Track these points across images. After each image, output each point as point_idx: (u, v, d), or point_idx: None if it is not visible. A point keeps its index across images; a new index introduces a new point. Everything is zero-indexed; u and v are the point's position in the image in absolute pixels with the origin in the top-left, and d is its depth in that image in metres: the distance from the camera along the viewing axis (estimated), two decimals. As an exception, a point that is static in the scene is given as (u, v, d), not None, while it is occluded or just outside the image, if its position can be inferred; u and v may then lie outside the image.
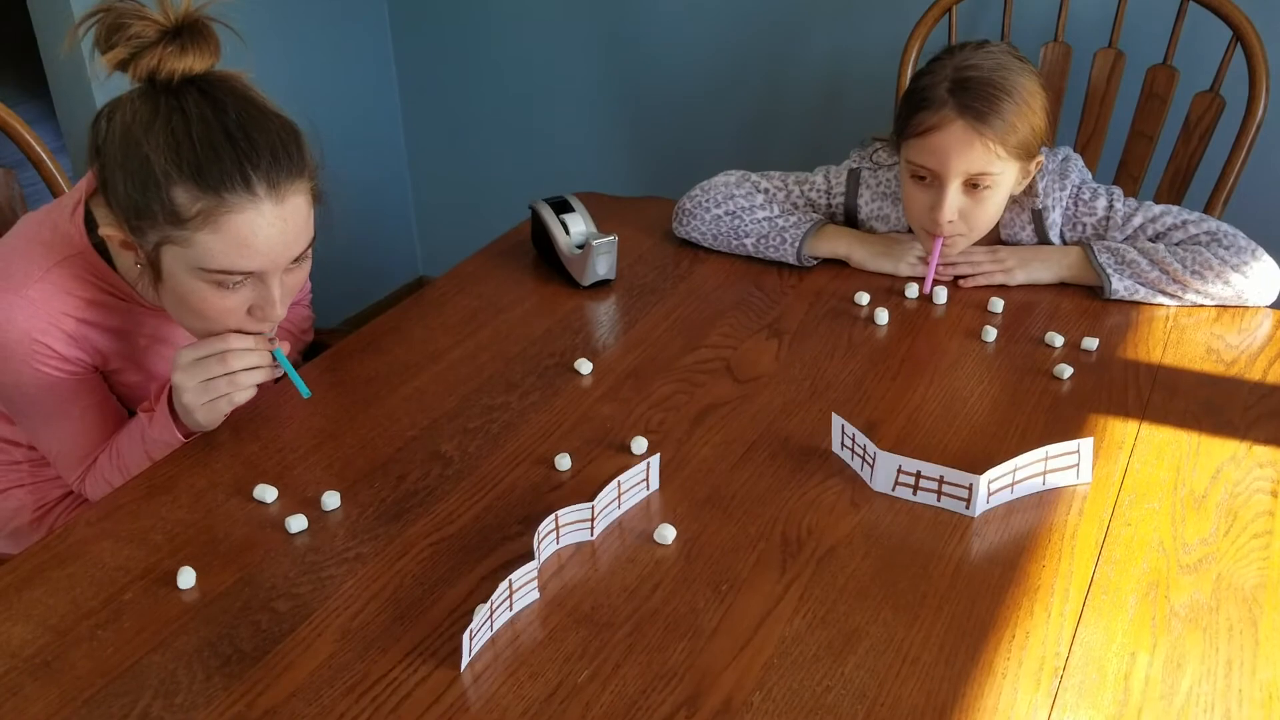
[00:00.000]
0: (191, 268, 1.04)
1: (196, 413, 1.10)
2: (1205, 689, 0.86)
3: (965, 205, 1.35)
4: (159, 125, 1.00)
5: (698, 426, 1.17)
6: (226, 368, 1.09)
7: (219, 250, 1.02)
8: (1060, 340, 1.30)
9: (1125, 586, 0.95)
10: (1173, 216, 1.39)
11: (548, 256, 1.47)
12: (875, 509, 1.05)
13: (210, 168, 1.00)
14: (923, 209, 1.38)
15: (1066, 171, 1.43)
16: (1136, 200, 1.43)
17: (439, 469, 1.10)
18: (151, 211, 1.01)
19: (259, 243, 1.03)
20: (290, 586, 0.96)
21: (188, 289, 1.05)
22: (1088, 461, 1.06)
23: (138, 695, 0.86)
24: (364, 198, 2.67)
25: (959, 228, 1.37)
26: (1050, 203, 1.42)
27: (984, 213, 1.37)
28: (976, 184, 1.34)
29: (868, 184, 1.50)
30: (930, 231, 1.39)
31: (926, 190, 1.37)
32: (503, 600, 0.91)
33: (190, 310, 1.08)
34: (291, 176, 1.04)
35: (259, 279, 1.06)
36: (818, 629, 0.91)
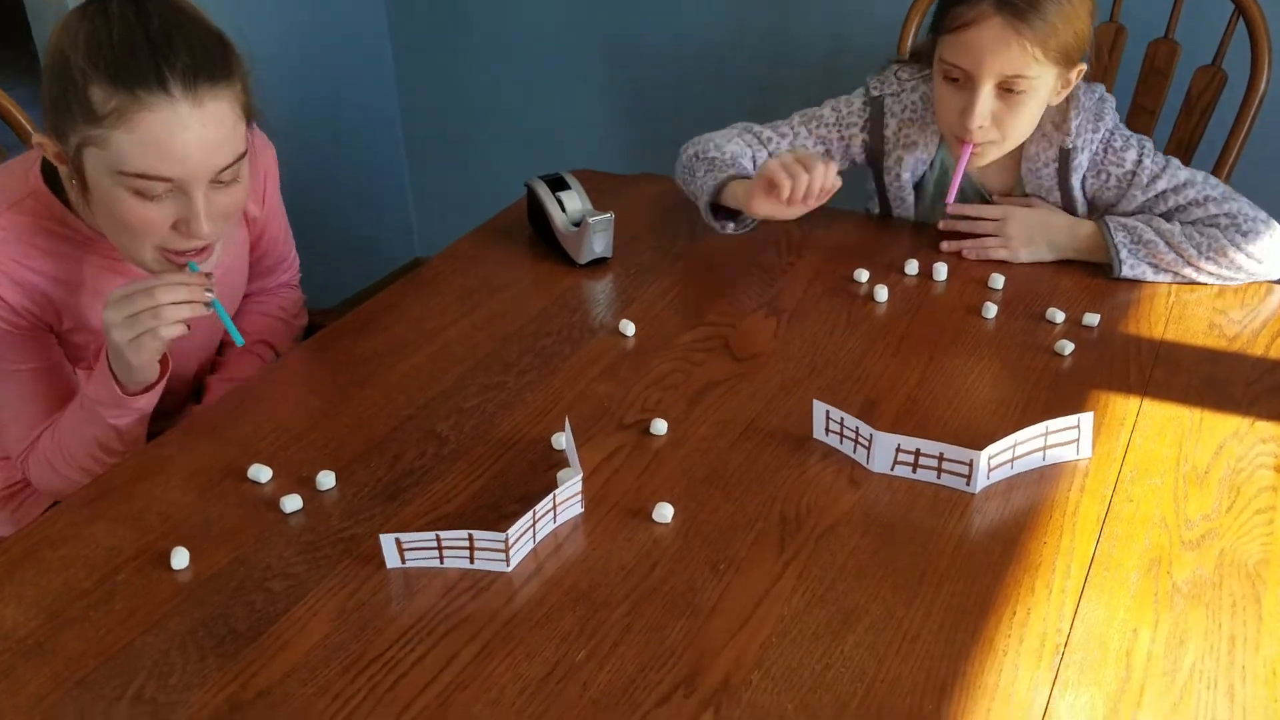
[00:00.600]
0: (111, 171, 1.02)
1: (125, 350, 1.07)
2: (1208, 665, 0.85)
3: (998, 109, 1.30)
4: (82, 28, 1.01)
5: (696, 405, 1.16)
6: (153, 301, 1.05)
7: (134, 151, 1.01)
8: (1061, 316, 1.29)
9: (1127, 563, 0.95)
10: (1196, 190, 1.34)
11: (544, 235, 1.45)
12: (874, 487, 1.04)
13: (125, 65, 0.99)
14: (954, 112, 1.33)
15: (1101, 113, 1.38)
16: (1165, 158, 1.37)
17: (435, 448, 1.09)
18: (71, 112, 1.01)
19: (175, 145, 1.01)
20: (285, 566, 0.95)
21: (111, 196, 1.04)
22: (1088, 436, 1.06)
23: (131, 676, 0.85)
24: (360, 179, 2.65)
25: (990, 134, 1.32)
26: (1080, 143, 1.37)
27: (1018, 119, 1.32)
28: (1011, 87, 1.28)
29: (892, 111, 1.44)
30: (960, 137, 1.34)
31: (959, 92, 1.32)
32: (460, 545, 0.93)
33: (116, 222, 1.06)
34: (213, 81, 1.02)
35: (181, 190, 1.04)
36: (816, 607, 0.91)
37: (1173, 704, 0.82)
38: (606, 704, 0.82)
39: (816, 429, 1.10)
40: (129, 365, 1.08)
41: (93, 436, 1.13)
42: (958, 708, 0.82)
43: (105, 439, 1.13)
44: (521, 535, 0.95)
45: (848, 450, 1.08)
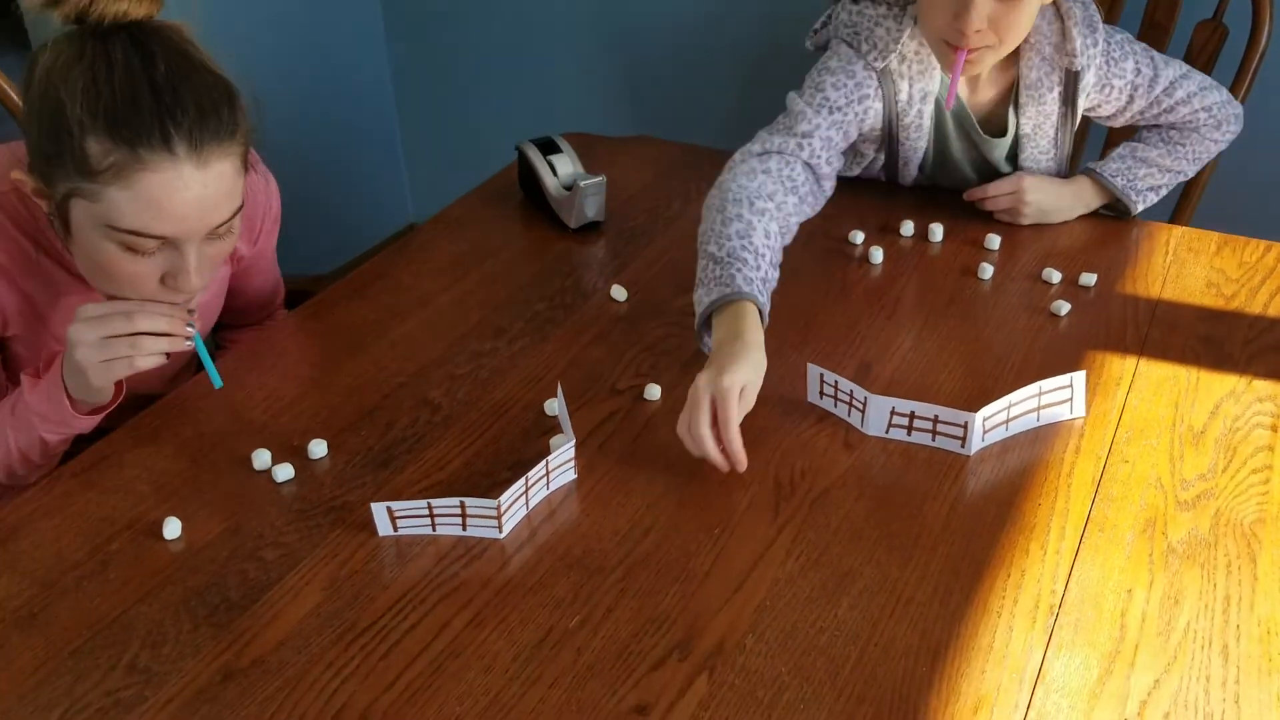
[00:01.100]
0: (100, 224, 0.96)
1: (89, 371, 1.00)
2: (1203, 624, 0.85)
3: (994, 11, 1.19)
4: (80, 70, 0.93)
5: (689, 370, 1.14)
6: (132, 327, 0.99)
7: (129, 210, 0.95)
8: (1058, 277, 1.28)
9: (1122, 523, 0.94)
10: (1182, 90, 1.33)
11: (536, 199, 1.44)
12: (869, 450, 1.03)
13: (127, 119, 0.92)
14: (945, 17, 1.21)
15: (1094, 22, 1.30)
16: (1145, 50, 1.34)
17: (427, 416, 1.09)
18: (62, 159, 0.94)
19: (174, 206, 0.95)
20: (278, 535, 0.95)
21: (96, 248, 0.98)
22: (1081, 395, 1.05)
23: (125, 646, 0.85)
24: (351, 145, 2.63)
25: (987, 38, 1.22)
26: (1086, 61, 1.29)
27: (1016, 20, 1.21)
28: None
29: (901, 75, 1.32)
30: (953, 43, 1.23)
31: None
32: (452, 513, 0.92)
33: (100, 272, 1.01)
34: (219, 139, 0.96)
35: (173, 246, 0.99)
36: (811, 571, 0.90)
37: (1166, 664, 0.82)
38: (601, 669, 0.82)
39: (811, 393, 1.09)
40: (88, 386, 1.02)
41: (14, 445, 1.06)
42: (952, 669, 0.82)
43: (27, 450, 1.06)
44: (514, 502, 0.94)
45: (842, 414, 1.07)
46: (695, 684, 0.81)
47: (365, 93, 2.63)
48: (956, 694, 0.80)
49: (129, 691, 0.82)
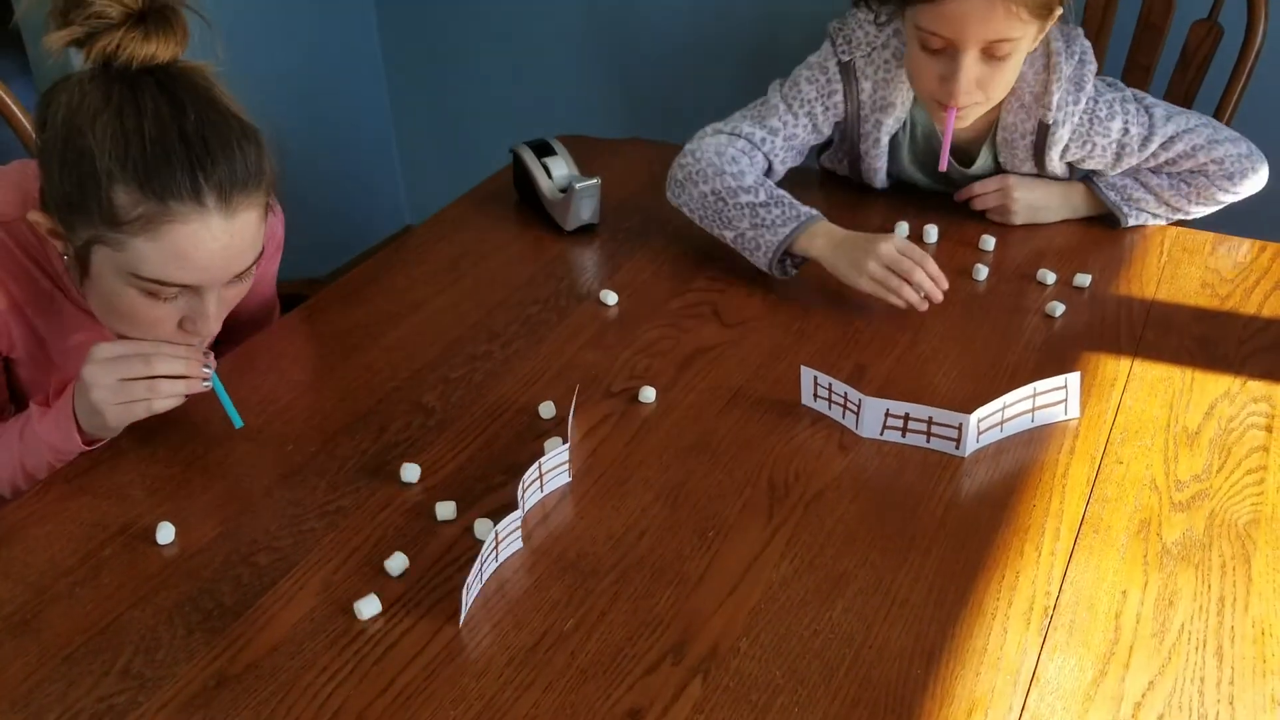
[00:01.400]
0: (122, 272, 0.96)
1: (106, 413, 0.99)
2: (1197, 626, 0.85)
3: (982, 73, 1.23)
4: (108, 116, 0.91)
5: (684, 371, 1.15)
6: (150, 370, 0.98)
7: (155, 260, 0.94)
8: (1052, 277, 1.28)
9: (1117, 525, 0.94)
10: (1184, 143, 1.31)
11: (531, 202, 1.44)
12: (864, 452, 1.03)
13: (158, 171, 0.91)
14: (933, 79, 1.25)
15: (1082, 79, 1.30)
16: (1147, 111, 1.32)
17: (421, 420, 1.09)
18: (87, 208, 0.93)
19: (200, 257, 0.95)
20: (271, 540, 0.95)
21: (115, 292, 0.98)
22: (1075, 396, 1.05)
23: (118, 652, 0.85)
24: (346, 148, 2.63)
25: (975, 96, 1.26)
26: (1061, 117, 1.30)
27: (1002, 79, 1.26)
28: (995, 52, 1.22)
29: (864, 74, 1.36)
30: (943, 103, 1.27)
31: (938, 59, 1.24)
32: (490, 552, 0.90)
33: (116, 314, 1.01)
34: (247, 190, 0.96)
35: (194, 292, 0.98)
36: (805, 574, 0.90)
37: (1160, 665, 0.82)
38: (594, 673, 0.82)
39: (805, 395, 1.09)
40: (104, 426, 1.01)
41: (24, 466, 1.05)
42: (946, 671, 0.82)
43: (35, 471, 1.05)
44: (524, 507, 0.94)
45: (836, 416, 1.07)
46: (689, 688, 0.81)
47: (360, 95, 2.63)
48: (951, 697, 0.80)
49: (122, 698, 0.81)
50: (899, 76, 1.36)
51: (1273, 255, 1.32)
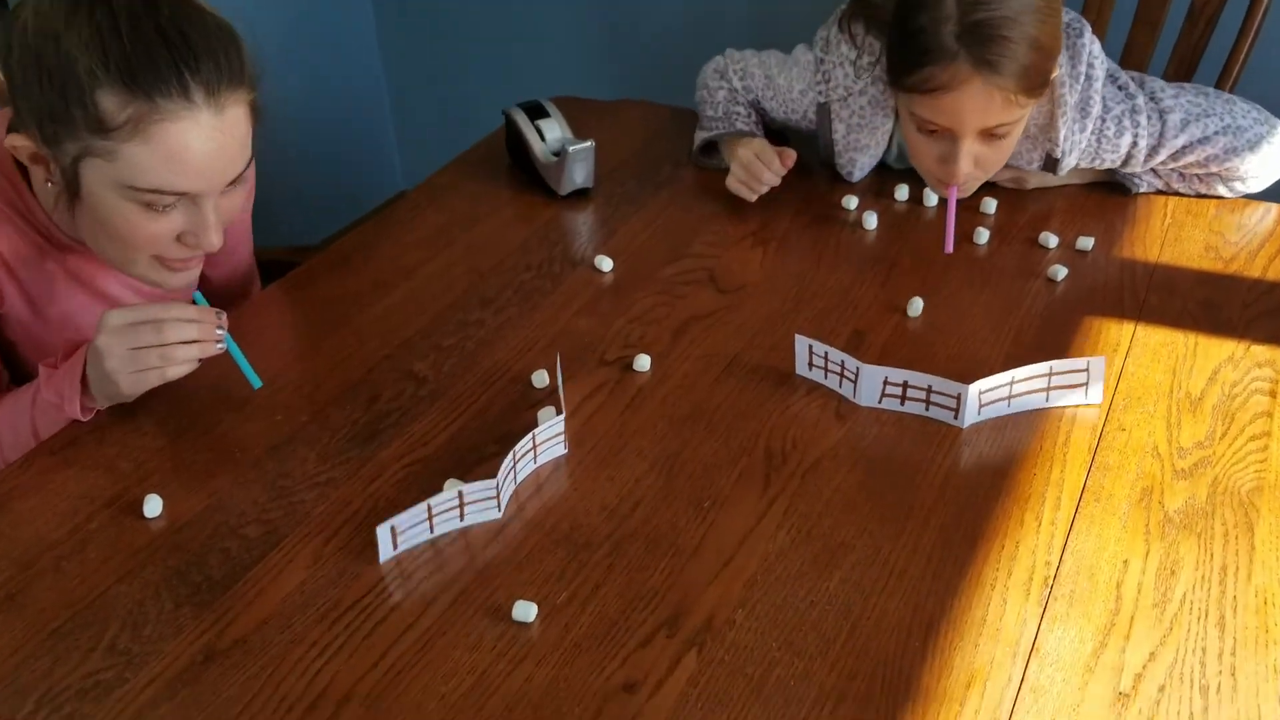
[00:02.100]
0: (116, 185, 0.94)
1: (120, 382, 0.97)
2: (1199, 596, 0.84)
3: (981, 153, 1.21)
4: (81, 18, 0.89)
5: (679, 339, 1.13)
6: (161, 338, 0.96)
7: (149, 165, 0.93)
8: (1055, 241, 1.26)
9: (1118, 493, 0.93)
10: (1196, 154, 1.27)
11: (523, 165, 1.41)
12: (861, 421, 1.02)
13: (143, 68, 0.89)
14: (932, 160, 1.24)
15: (1089, 103, 1.25)
16: (1160, 118, 1.26)
17: (412, 389, 1.07)
18: (71, 118, 0.91)
19: (194, 158, 0.94)
20: (260, 512, 0.94)
21: (111, 209, 0.96)
22: (1098, 381, 1.01)
23: (104, 626, 0.84)
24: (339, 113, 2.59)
25: (974, 175, 1.25)
26: (1068, 147, 1.27)
27: (1001, 155, 1.24)
28: (995, 134, 1.19)
29: (839, 116, 1.34)
30: (944, 181, 1.24)
31: (936, 141, 1.22)
32: (450, 508, 0.89)
33: (112, 235, 0.98)
34: (232, 84, 0.94)
35: (192, 201, 0.97)
36: (802, 545, 0.89)
37: (1162, 636, 0.81)
38: (588, 646, 0.81)
39: (799, 364, 1.07)
40: (118, 394, 0.99)
41: (34, 430, 1.04)
42: (944, 643, 0.81)
43: (47, 431, 1.03)
44: (504, 479, 0.93)
45: (833, 385, 1.05)
46: (684, 660, 0.80)
47: (353, 60, 2.60)
48: (949, 668, 0.79)
49: (109, 673, 0.80)
50: (874, 123, 1.33)
51: (1278, 218, 1.30)
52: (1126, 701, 0.76)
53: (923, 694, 0.77)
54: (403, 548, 0.89)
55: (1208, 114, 1.26)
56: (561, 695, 0.78)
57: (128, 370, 0.97)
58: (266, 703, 0.78)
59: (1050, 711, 0.76)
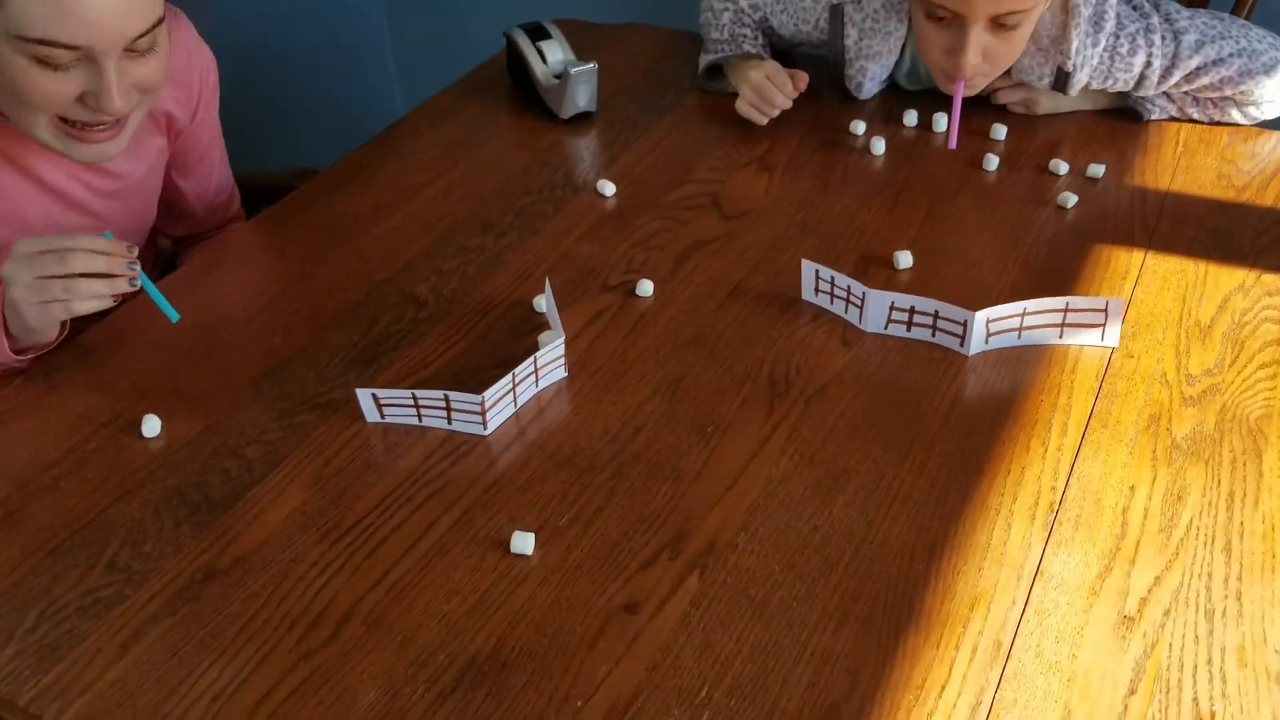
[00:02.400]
0: (8, 36, 0.89)
1: (26, 312, 0.93)
2: (1206, 521, 0.83)
3: (990, 44, 1.18)
4: None
5: (683, 264, 1.12)
6: (65, 268, 0.92)
7: (37, 12, 0.88)
8: (1065, 168, 1.24)
9: (1126, 419, 0.92)
10: (1210, 76, 1.24)
11: (525, 88, 1.39)
12: (867, 347, 1.01)
13: None
14: (941, 50, 1.20)
15: (1103, 17, 1.22)
16: (1175, 39, 1.23)
17: (413, 312, 1.06)
18: None
19: (83, 6, 0.88)
20: (260, 433, 0.93)
21: (5, 64, 0.91)
22: (1116, 322, 0.98)
23: (104, 545, 0.83)
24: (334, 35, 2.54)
25: (982, 68, 1.21)
26: (1080, 61, 1.24)
27: (1011, 49, 1.21)
28: (1005, 23, 1.16)
29: (852, 20, 1.31)
30: (950, 74, 1.22)
31: (945, 30, 1.18)
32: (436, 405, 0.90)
33: (11, 93, 0.94)
34: None
35: (91, 60, 0.92)
36: (805, 469, 0.88)
37: (1168, 561, 0.80)
38: (590, 568, 0.81)
39: (805, 290, 1.05)
40: (24, 326, 0.95)
41: None
42: (948, 566, 0.80)
43: None
44: (500, 399, 0.92)
45: (839, 310, 1.04)
46: (686, 582, 0.80)
47: (350, -18, 2.54)
48: (952, 592, 0.79)
49: (109, 590, 0.80)
50: (887, 27, 1.30)
51: (1293, 146, 1.28)
52: (1131, 625, 0.76)
53: (925, 616, 0.77)
54: (391, 420, 0.92)
55: (1223, 36, 1.23)
56: (564, 614, 0.77)
57: (32, 300, 0.93)
58: (269, 620, 0.78)
59: (1054, 634, 0.76)
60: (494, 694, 0.73)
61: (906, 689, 0.73)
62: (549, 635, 0.76)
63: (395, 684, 0.73)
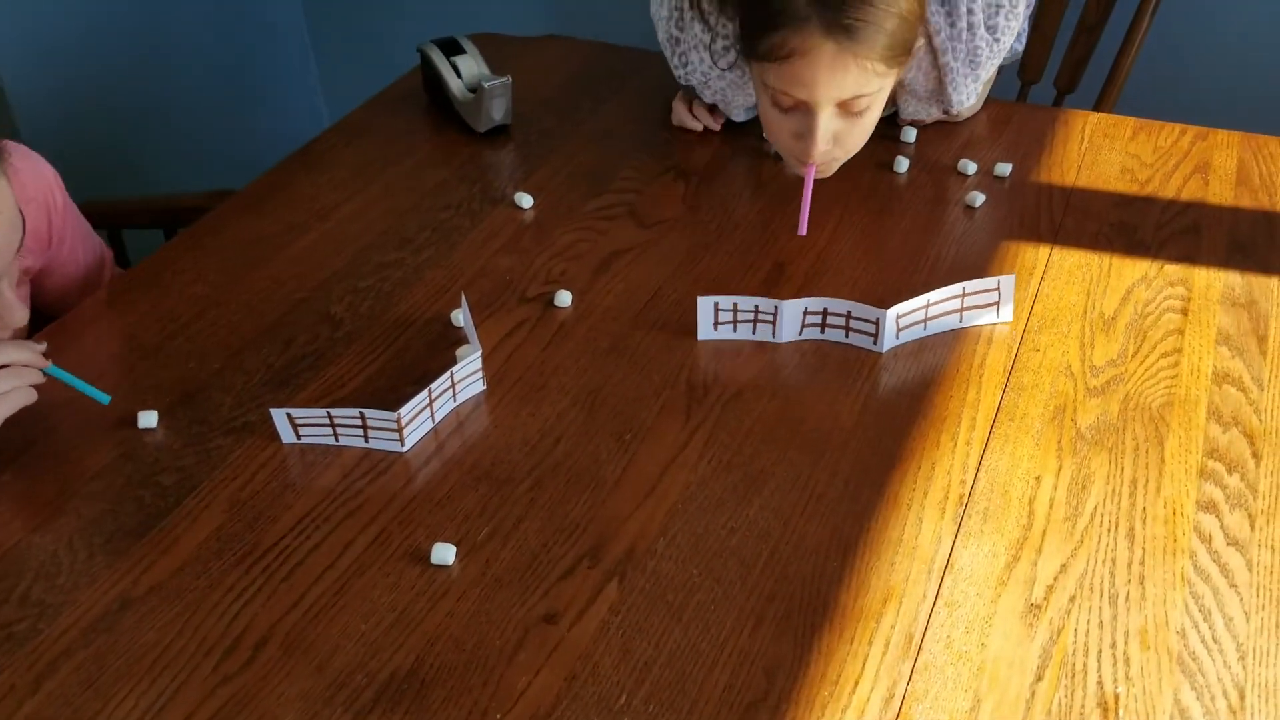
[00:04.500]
0: None
1: None
2: (1109, 508, 0.86)
3: (839, 128, 1.10)
4: None
5: (601, 274, 1.12)
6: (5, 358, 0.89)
7: None
8: (973, 168, 1.26)
9: (1032, 412, 0.94)
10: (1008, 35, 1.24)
11: (441, 103, 1.39)
12: (782, 351, 1.02)
13: None
14: (788, 136, 1.13)
15: (976, 55, 1.21)
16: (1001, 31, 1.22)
17: (329, 331, 1.05)
18: None
19: None
20: (175, 460, 0.92)
21: None
22: (1009, 299, 1.03)
23: (18, 578, 0.82)
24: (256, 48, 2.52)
25: (834, 152, 1.14)
26: (963, 97, 1.25)
27: (862, 131, 1.13)
28: (852, 107, 1.08)
29: (705, 93, 1.31)
30: (800, 160, 1.14)
31: (791, 116, 1.11)
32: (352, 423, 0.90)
33: None
34: None
35: None
36: (723, 474, 0.89)
37: (1073, 548, 0.82)
38: (510, 580, 0.81)
39: (703, 328, 1.02)
40: None
41: None
42: (861, 563, 0.82)
43: None
44: (417, 414, 0.92)
45: (745, 335, 1.03)
46: (605, 590, 0.80)
47: (271, 0, 2.52)
48: (866, 587, 0.80)
49: (22, 625, 0.79)
50: (739, 97, 1.30)
51: (1193, 138, 1.31)
52: (1038, 612, 0.78)
53: (840, 612, 0.78)
54: (307, 441, 0.92)
55: None
56: (483, 628, 0.78)
57: None
58: (185, 647, 0.77)
59: (964, 624, 0.77)
60: (412, 711, 0.73)
61: (822, 685, 0.74)
62: (468, 650, 0.76)
63: (313, 706, 0.73)
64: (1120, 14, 1.59)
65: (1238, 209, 1.19)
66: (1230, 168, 1.26)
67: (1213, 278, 1.09)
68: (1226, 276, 1.09)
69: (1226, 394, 0.96)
